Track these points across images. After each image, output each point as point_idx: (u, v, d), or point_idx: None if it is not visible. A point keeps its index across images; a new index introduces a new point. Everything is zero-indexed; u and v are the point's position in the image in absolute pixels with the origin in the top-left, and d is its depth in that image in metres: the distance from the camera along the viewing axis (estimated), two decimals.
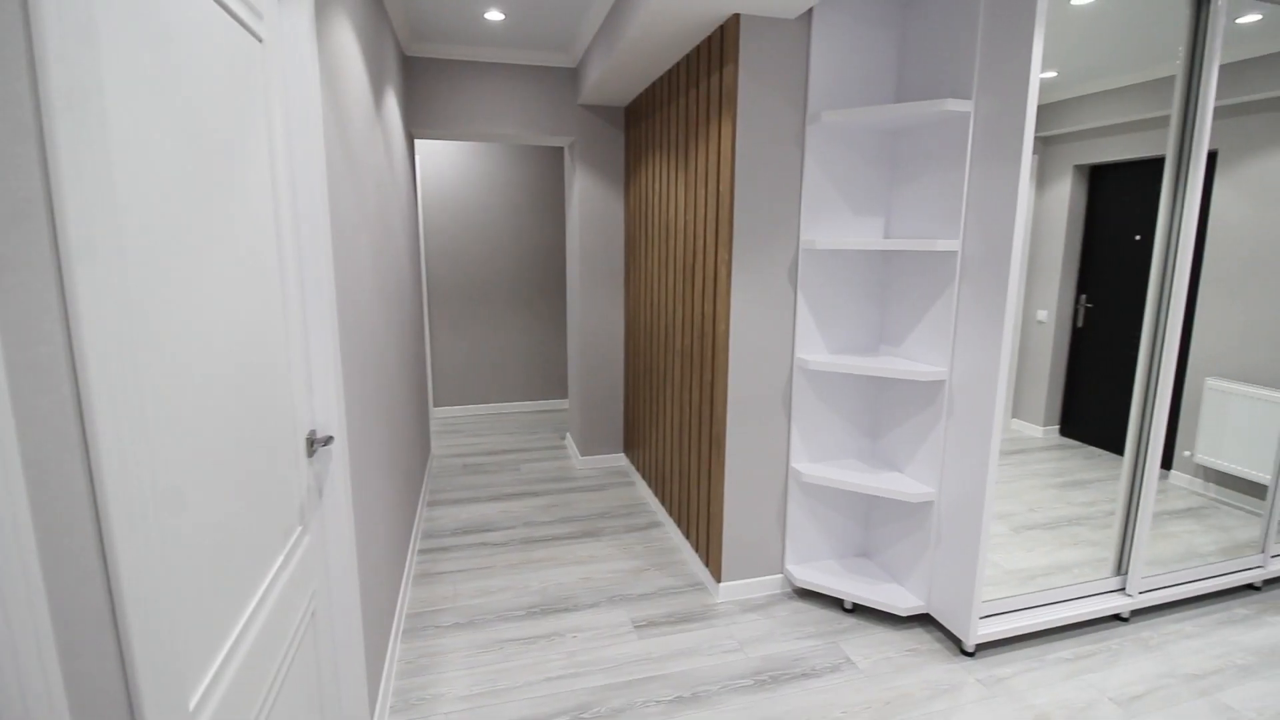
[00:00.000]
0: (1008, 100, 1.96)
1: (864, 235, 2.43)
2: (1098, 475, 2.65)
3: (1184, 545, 2.60)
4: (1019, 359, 2.99)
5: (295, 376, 1.30)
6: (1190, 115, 2.19)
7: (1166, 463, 2.77)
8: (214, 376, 0.90)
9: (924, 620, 2.40)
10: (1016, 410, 3.04)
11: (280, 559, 1.16)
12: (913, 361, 2.32)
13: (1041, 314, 2.89)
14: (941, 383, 2.22)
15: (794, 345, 2.43)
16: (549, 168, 5.15)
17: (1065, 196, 2.74)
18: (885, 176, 2.43)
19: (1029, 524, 2.67)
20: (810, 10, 2.24)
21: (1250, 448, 2.70)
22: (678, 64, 2.80)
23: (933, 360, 2.25)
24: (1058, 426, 2.98)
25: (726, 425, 2.40)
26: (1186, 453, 2.79)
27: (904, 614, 2.31)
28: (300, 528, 1.30)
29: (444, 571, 2.72)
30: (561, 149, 5.07)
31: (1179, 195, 2.22)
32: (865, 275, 2.47)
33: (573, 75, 3.62)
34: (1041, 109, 2.59)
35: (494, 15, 2.92)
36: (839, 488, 2.48)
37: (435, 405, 5.16)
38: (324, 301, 1.41)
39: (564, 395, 5.46)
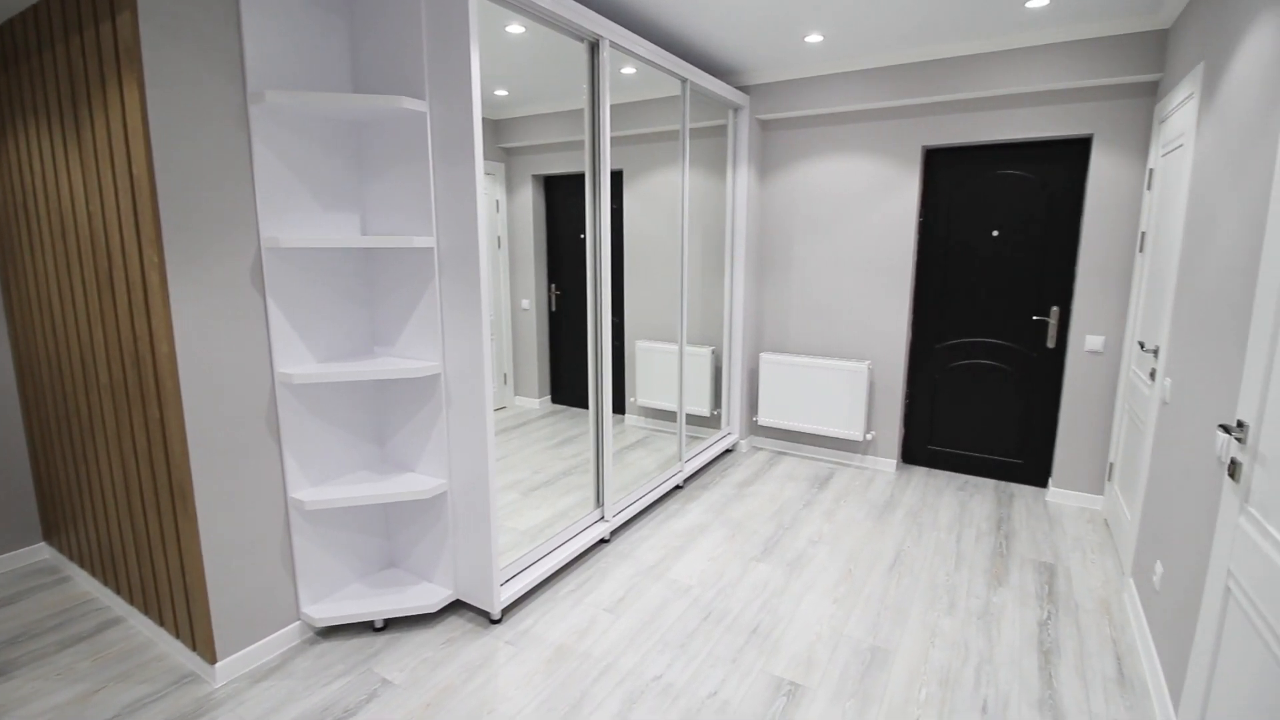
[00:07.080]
0: (457, 107, 2.08)
1: (338, 232, 2.28)
2: (580, 430, 3.22)
3: (638, 470, 3.40)
4: (514, 343, 3.37)
5: None
6: (596, 141, 2.77)
7: (620, 409, 3.59)
8: None
9: (458, 607, 2.47)
10: (518, 388, 3.43)
11: None
12: (407, 359, 2.31)
13: (525, 302, 3.32)
14: (437, 375, 2.27)
15: (272, 359, 2.11)
16: None
17: (529, 201, 3.18)
18: (354, 171, 2.31)
19: (535, 484, 3.05)
20: None
21: (665, 388, 3.70)
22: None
23: (426, 355, 2.28)
24: (549, 396, 3.52)
25: (191, 470, 1.92)
26: (632, 399, 3.66)
27: (436, 609, 2.33)
28: None
29: None
30: None
31: (596, 204, 2.81)
32: (348, 275, 2.32)
33: None
34: (502, 123, 2.91)
35: None
36: (351, 505, 2.31)
37: None
38: None
39: None
